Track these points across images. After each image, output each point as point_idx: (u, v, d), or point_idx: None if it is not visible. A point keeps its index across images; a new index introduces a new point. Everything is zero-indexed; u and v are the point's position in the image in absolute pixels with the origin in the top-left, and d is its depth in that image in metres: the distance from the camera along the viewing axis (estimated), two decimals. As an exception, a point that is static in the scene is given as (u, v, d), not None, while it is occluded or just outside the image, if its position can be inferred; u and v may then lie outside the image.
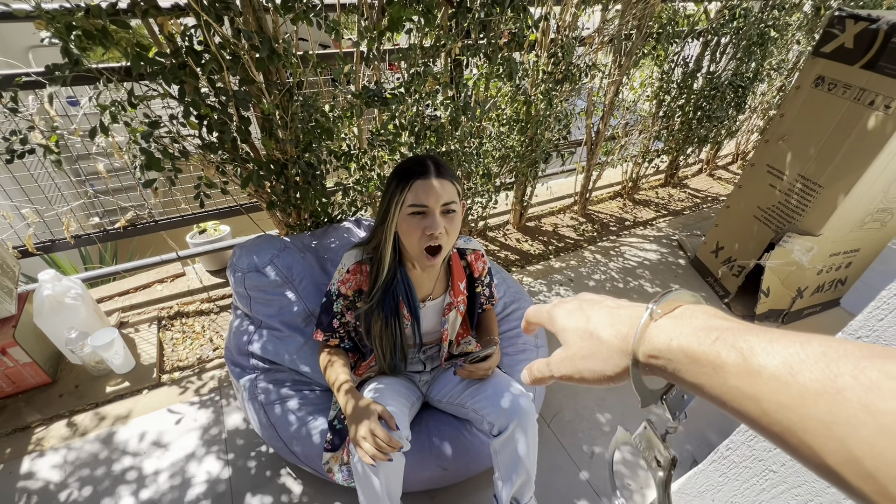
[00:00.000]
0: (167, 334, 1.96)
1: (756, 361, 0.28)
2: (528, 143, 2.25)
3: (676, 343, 0.33)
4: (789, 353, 0.27)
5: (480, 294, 1.30)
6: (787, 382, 0.26)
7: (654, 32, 2.30)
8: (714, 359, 0.30)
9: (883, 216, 1.90)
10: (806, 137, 1.85)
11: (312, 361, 1.40)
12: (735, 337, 0.30)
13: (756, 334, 0.29)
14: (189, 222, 2.02)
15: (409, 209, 0.98)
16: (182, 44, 1.19)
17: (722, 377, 0.29)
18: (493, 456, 1.12)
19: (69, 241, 1.73)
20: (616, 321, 0.38)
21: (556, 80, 2.05)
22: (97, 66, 1.19)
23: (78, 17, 1.04)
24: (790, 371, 0.26)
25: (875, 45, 1.58)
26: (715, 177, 3.68)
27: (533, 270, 2.44)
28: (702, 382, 0.31)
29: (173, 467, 1.44)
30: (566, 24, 1.98)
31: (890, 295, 0.69)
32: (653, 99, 2.76)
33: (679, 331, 0.33)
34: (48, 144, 1.25)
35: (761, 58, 2.77)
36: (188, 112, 1.27)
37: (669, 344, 0.33)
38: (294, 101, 1.39)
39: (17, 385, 1.61)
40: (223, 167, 1.48)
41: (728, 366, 0.29)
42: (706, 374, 0.31)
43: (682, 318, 0.35)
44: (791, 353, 0.27)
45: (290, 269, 1.45)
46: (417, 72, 1.57)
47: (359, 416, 0.98)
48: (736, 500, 1.04)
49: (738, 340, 0.30)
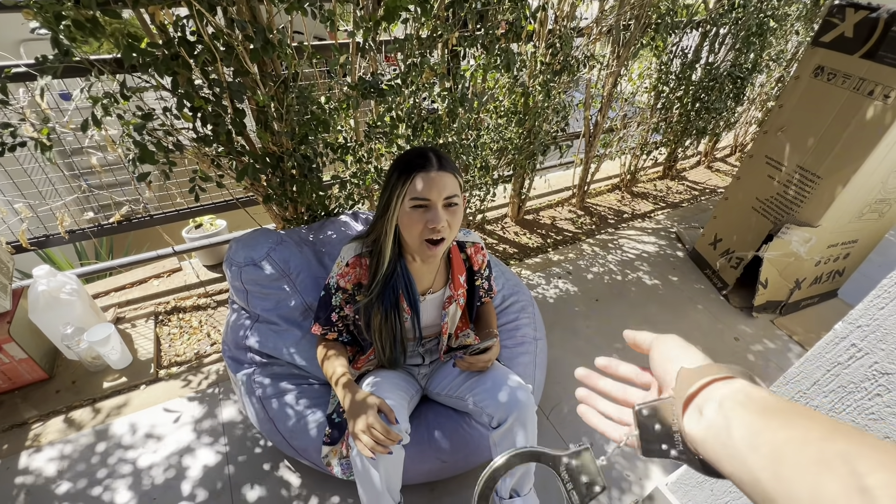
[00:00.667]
0: (164, 329, 1.95)
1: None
2: (525, 135, 2.24)
3: (713, 453, 0.36)
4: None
5: (480, 287, 1.29)
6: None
7: (652, 23, 2.28)
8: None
9: (881, 207, 1.90)
10: (805, 128, 1.85)
11: (310, 355, 1.40)
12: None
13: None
14: (185, 217, 2.00)
15: (410, 202, 0.97)
16: (174, 34, 1.17)
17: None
18: (493, 448, 1.12)
19: (63, 236, 1.71)
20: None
21: (554, 72, 2.03)
22: (88, 57, 1.17)
23: (67, 7, 1.02)
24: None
25: (875, 35, 1.57)
26: (713, 169, 3.68)
27: (531, 263, 2.44)
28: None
29: (171, 461, 1.44)
30: (564, 14, 1.96)
31: (891, 283, 0.69)
32: (651, 90, 2.74)
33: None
34: (39, 138, 1.23)
35: (760, 48, 2.76)
36: (182, 104, 1.26)
37: (704, 447, 0.37)
38: (289, 93, 1.38)
39: (13, 381, 1.60)
40: (218, 160, 1.46)
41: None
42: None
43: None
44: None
45: (287, 263, 1.44)
46: (414, 63, 1.55)
47: (357, 410, 0.97)
48: (734, 490, 1.05)
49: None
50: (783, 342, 2.00)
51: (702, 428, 0.37)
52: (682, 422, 0.39)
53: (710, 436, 0.36)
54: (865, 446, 0.28)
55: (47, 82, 1.12)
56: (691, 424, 0.38)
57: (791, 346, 1.98)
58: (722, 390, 0.37)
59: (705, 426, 0.36)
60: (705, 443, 0.36)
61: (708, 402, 0.37)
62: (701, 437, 0.37)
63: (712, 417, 0.36)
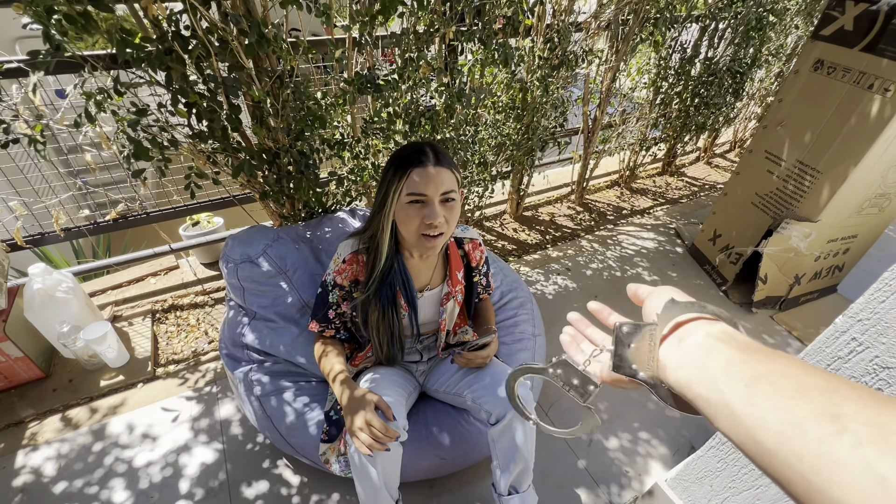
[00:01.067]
0: (161, 327, 1.94)
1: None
2: (524, 130, 2.22)
3: (684, 377, 0.36)
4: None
5: (478, 284, 1.28)
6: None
7: (651, 17, 2.27)
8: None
9: (881, 201, 1.90)
10: (804, 122, 1.84)
11: (308, 352, 1.39)
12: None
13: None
14: (182, 214, 1.99)
15: (407, 197, 0.96)
16: (168, 29, 1.16)
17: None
18: (491, 444, 1.12)
19: (59, 233, 1.70)
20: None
21: (552, 67, 2.02)
22: (81, 52, 1.16)
23: (59, 1, 1.00)
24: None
25: (875, 28, 1.55)
26: (712, 165, 3.67)
27: (530, 260, 2.43)
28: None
29: (169, 460, 1.43)
30: (562, 8, 1.95)
31: (892, 277, 0.68)
32: (650, 86, 2.73)
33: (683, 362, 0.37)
34: (33, 134, 1.22)
35: (759, 43, 2.74)
36: (176, 100, 1.24)
37: (677, 373, 0.37)
38: (285, 89, 1.36)
39: (9, 380, 1.60)
40: (214, 157, 1.45)
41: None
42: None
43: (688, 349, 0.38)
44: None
45: (283, 260, 1.43)
46: (411, 58, 1.53)
47: (355, 407, 0.96)
48: (734, 485, 1.04)
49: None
50: (782, 338, 2.00)
51: (680, 353, 0.37)
52: (657, 348, 0.39)
53: (685, 362, 0.36)
54: (844, 384, 0.28)
55: (40, 78, 1.11)
56: (669, 349, 0.38)
57: (790, 341, 1.98)
58: (706, 327, 0.38)
59: (683, 352, 0.37)
60: (679, 369, 0.37)
61: (690, 335, 0.38)
62: (675, 362, 0.37)
63: (692, 347, 0.37)
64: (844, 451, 0.24)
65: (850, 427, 0.25)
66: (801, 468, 0.26)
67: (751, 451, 0.30)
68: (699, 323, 0.38)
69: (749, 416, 0.30)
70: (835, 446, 0.25)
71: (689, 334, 0.38)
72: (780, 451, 0.27)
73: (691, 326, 0.38)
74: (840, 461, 0.24)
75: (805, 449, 0.26)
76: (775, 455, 0.28)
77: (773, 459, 0.28)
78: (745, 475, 1.02)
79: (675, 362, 0.37)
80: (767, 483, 0.97)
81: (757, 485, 0.99)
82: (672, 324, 0.40)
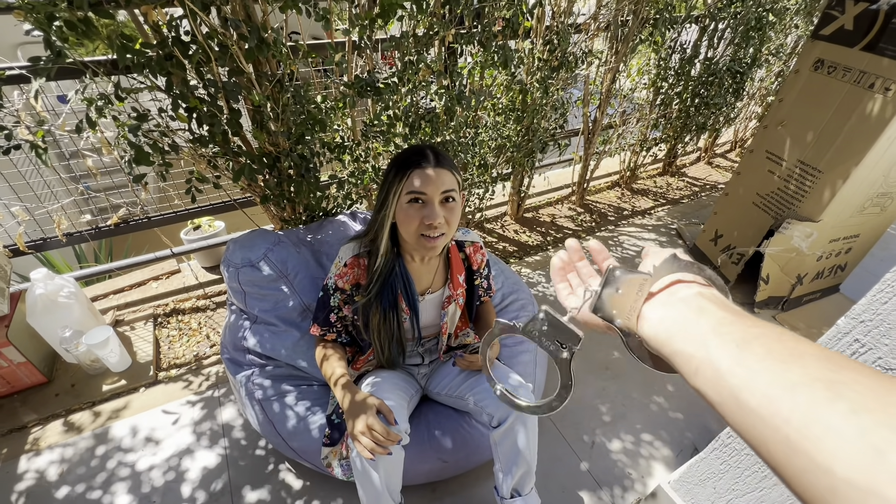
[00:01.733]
0: (163, 332, 1.94)
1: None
2: (524, 132, 2.22)
3: (665, 331, 0.36)
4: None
5: (479, 286, 1.28)
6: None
7: (650, 18, 2.27)
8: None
9: (883, 201, 1.89)
10: (805, 122, 1.83)
11: (309, 356, 1.39)
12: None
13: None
14: (183, 218, 1.99)
15: (406, 197, 0.96)
16: (168, 34, 1.16)
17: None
18: (494, 447, 1.11)
19: (61, 239, 1.71)
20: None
21: (551, 68, 2.02)
22: (82, 59, 1.16)
23: (59, 8, 1.01)
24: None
25: (875, 27, 1.55)
26: (713, 165, 3.66)
27: (531, 261, 2.43)
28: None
29: (171, 464, 1.43)
30: (561, 10, 1.95)
31: (894, 278, 0.68)
32: (650, 86, 2.73)
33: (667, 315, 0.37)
34: (34, 140, 1.22)
35: (759, 43, 2.74)
36: (177, 105, 1.25)
37: (658, 326, 0.36)
38: (285, 93, 1.37)
39: (12, 385, 1.60)
40: (215, 161, 1.45)
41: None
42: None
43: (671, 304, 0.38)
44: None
45: (284, 264, 1.43)
46: (410, 61, 1.54)
47: (356, 411, 0.96)
48: (737, 488, 1.04)
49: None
50: (785, 338, 1.99)
51: (666, 308, 0.37)
52: (642, 299, 0.39)
53: (671, 316, 0.36)
54: (840, 356, 0.27)
55: (41, 84, 1.12)
56: (656, 303, 0.38)
57: (793, 341, 1.97)
58: (700, 289, 0.37)
59: (670, 307, 0.36)
60: (662, 322, 0.36)
61: (681, 292, 0.37)
62: (659, 315, 0.37)
63: (680, 303, 0.36)
64: (838, 418, 0.23)
65: (845, 394, 0.24)
66: (786, 431, 0.25)
67: (729, 411, 0.29)
68: (692, 284, 0.38)
69: (735, 375, 0.29)
70: (827, 411, 0.24)
71: (679, 291, 0.38)
72: (764, 413, 0.26)
73: (684, 286, 0.38)
74: (832, 427, 0.23)
75: (793, 413, 0.25)
76: (758, 417, 0.26)
77: (754, 420, 0.27)
78: (749, 477, 1.01)
79: (660, 315, 0.37)
80: (771, 485, 0.96)
81: (760, 487, 0.99)
82: (667, 280, 0.39)
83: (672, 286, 0.38)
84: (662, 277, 0.39)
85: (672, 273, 0.39)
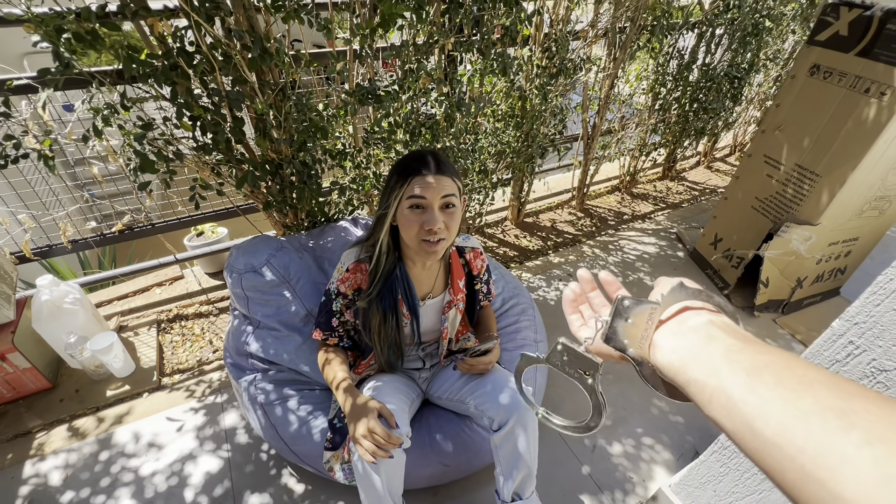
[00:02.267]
0: (167, 337, 1.96)
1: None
2: (524, 138, 2.24)
3: (679, 360, 0.36)
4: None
5: (479, 291, 1.30)
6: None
7: (648, 25, 2.29)
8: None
9: (881, 204, 1.90)
10: (802, 127, 1.85)
11: (311, 361, 1.40)
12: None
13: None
14: (186, 225, 2.02)
15: (407, 202, 0.98)
16: (173, 45, 1.19)
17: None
18: (494, 451, 1.12)
19: (66, 245, 1.73)
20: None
21: (550, 75, 2.04)
22: (89, 69, 1.19)
23: (68, 21, 1.04)
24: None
25: (870, 33, 1.57)
26: (713, 169, 3.68)
27: (532, 266, 2.44)
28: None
29: (175, 469, 1.44)
30: (559, 17, 1.97)
31: (886, 280, 0.69)
32: (648, 92, 2.75)
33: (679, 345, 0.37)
34: (42, 149, 1.25)
35: (757, 48, 2.76)
36: (181, 114, 1.27)
37: (671, 355, 0.37)
38: (288, 101, 1.39)
39: (17, 391, 1.61)
40: (218, 168, 1.47)
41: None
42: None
43: (682, 334, 0.38)
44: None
45: (287, 269, 1.45)
46: (411, 69, 1.56)
47: (358, 414, 0.97)
48: (738, 490, 1.04)
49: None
50: (786, 341, 1.99)
51: (677, 337, 0.37)
52: (653, 328, 0.39)
53: (682, 345, 0.36)
54: (848, 382, 0.27)
55: (49, 94, 1.14)
56: (667, 332, 0.38)
57: (794, 345, 1.97)
58: (709, 316, 0.37)
59: (681, 336, 0.37)
60: (674, 351, 0.36)
61: (691, 320, 0.37)
62: (671, 344, 0.37)
63: (690, 331, 0.36)
64: (852, 448, 0.23)
65: (858, 423, 0.24)
66: (801, 461, 0.25)
67: (745, 440, 0.29)
68: (702, 311, 0.38)
69: (748, 404, 0.29)
70: (841, 441, 0.24)
71: (689, 319, 0.38)
72: (779, 442, 0.26)
73: (693, 313, 0.38)
74: (847, 457, 0.23)
75: (808, 442, 0.25)
76: (773, 445, 0.27)
77: (770, 450, 0.27)
78: (749, 480, 1.02)
79: (671, 344, 0.37)
80: (770, 487, 0.97)
81: (760, 489, 0.99)
82: (675, 308, 0.39)
83: (681, 314, 0.39)
84: (671, 306, 0.40)
85: (679, 301, 0.40)
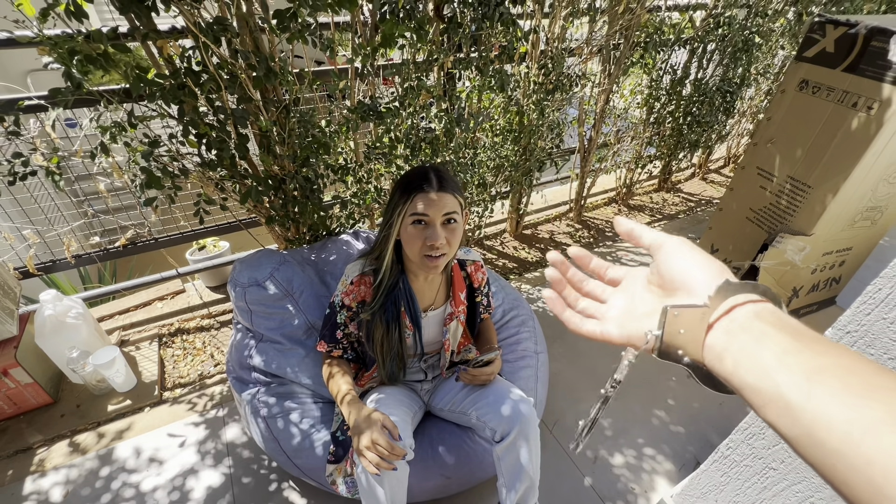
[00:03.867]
0: (168, 351, 1.96)
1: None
2: (521, 152, 2.28)
3: (732, 363, 0.35)
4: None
5: (480, 304, 1.32)
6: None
7: (641, 42, 2.36)
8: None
9: (873, 214, 1.94)
10: (793, 139, 1.89)
11: (314, 373, 1.41)
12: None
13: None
14: (188, 239, 2.03)
15: (410, 219, 1.00)
16: (181, 65, 1.22)
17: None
18: (497, 463, 1.13)
19: (70, 261, 1.74)
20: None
21: (547, 91, 2.09)
22: (98, 88, 1.22)
23: (80, 43, 1.07)
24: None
25: (855, 49, 1.62)
26: (708, 180, 3.73)
27: (531, 277, 2.46)
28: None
29: (176, 483, 1.43)
30: (555, 35, 2.03)
31: (875, 290, 0.71)
32: (643, 106, 2.80)
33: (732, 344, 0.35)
34: (49, 166, 1.27)
35: (747, 63, 2.83)
36: (187, 131, 1.30)
37: (724, 360, 0.35)
38: (291, 118, 1.42)
39: (18, 406, 1.61)
40: (222, 184, 1.50)
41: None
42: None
43: (734, 333, 0.36)
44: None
45: (290, 283, 1.47)
46: (411, 86, 1.60)
47: (361, 426, 0.98)
48: (739, 500, 1.05)
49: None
50: (784, 351, 2.01)
51: (727, 338, 0.35)
52: (705, 333, 0.37)
53: (733, 347, 0.34)
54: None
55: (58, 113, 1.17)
56: (718, 334, 0.36)
57: (792, 354, 1.98)
58: (754, 308, 0.35)
59: (730, 337, 0.35)
60: (726, 352, 0.35)
61: (740, 318, 0.36)
62: (723, 345, 0.35)
63: (739, 330, 0.35)
64: None
65: None
66: (869, 473, 0.24)
67: (805, 448, 0.28)
68: (747, 305, 0.36)
69: (808, 411, 0.27)
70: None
71: (738, 317, 0.36)
72: (845, 452, 0.25)
73: (744, 309, 0.36)
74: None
75: (877, 455, 0.24)
76: (839, 455, 0.25)
77: (834, 460, 0.26)
78: (749, 489, 1.02)
79: (722, 345, 0.35)
80: (771, 496, 0.98)
81: (761, 498, 1.00)
82: (724, 307, 0.37)
83: (730, 312, 0.37)
84: (720, 305, 0.37)
85: (727, 298, 0.37)
